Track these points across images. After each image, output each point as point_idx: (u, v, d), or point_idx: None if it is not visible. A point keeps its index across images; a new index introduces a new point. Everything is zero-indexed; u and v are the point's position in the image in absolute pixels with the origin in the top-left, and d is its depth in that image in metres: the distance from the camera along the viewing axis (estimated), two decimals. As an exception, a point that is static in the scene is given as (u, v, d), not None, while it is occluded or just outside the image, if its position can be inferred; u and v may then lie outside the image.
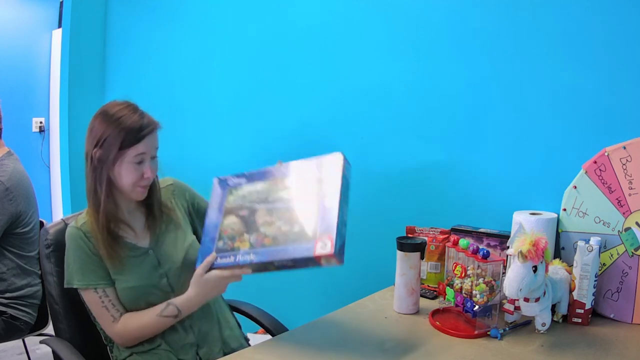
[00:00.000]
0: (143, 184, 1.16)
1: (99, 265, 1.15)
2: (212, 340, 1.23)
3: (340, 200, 1.04)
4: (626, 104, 1.22)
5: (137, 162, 1.14)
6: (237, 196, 1.16)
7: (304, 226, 1.04)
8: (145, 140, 1.14)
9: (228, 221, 1.14)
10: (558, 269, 1.16)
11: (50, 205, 3.57)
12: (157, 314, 1.14)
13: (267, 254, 1.05)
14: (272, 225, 1.08)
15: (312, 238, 1.01)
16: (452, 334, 1.10)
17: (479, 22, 1.44)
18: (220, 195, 1.19)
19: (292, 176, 1.12)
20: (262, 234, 1.08)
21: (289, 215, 1.07)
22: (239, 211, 1.14)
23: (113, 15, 2.63)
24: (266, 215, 1.10)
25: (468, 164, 1.49)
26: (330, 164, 1.09)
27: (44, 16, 3.46)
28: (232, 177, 1.20)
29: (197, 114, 2.23)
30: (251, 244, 1.08)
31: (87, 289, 1.14)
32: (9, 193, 1.66)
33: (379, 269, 1.55)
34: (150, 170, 1.16)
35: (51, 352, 1.24)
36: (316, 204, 1.05)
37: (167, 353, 1.17)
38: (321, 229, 1.01)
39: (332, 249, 0.97)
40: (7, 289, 1.70)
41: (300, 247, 1.01)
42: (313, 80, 1.82)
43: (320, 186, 1.07)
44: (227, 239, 1.12)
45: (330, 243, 0.98)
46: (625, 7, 1.21)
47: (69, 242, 1.17)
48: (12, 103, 3.03)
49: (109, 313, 1.15)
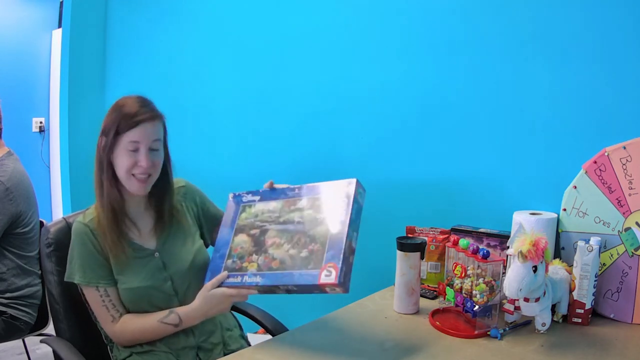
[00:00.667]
0: (138, 173, 1.13)
1: (102, 264, 1.14)
2: (213, 343, 1.23)
3: (349, 227, 1.04)
4: (626, 104, 1.22)
5: (131, 149, 1.11)
6: (250, 214, 1.19)
7: (311, 252, 1.06)
8: (140, 127, 1.11)
9: (239, 239, 1.16)
10: (558, 269, 1.16)
11: (50, 205, 3.57)
12: (158, 320, 1.13)
13: (274, 278, 1.07)
14: (280, 248, 1.09)
15: (318, 265, 1.03)
16: (452, 334, 1.10)
17: (479, 23, 1.44)
18: (233, 211, 1.21)
19: (304, 199, 1.13)
20: (270, 256, 1.09)
21: (298, 238, 1.09)
22: (250, 230, 1.16)
23: (113, 15, 2.63)
24: (276, 237, 1.11)
25: (468, 164, 1.49)
26: (343, 190, 1.09)
27: (44, 16, 3.46)
28: (246, 193, 1.22)
29: (197, 114, 2.23)
30: (259, 266, 1.09)
31: (88, 286, 1.14)
32: (9, 193, 1.66)
33: (379, 269, 1.55)
34: (145, 160, 1.12)
35: (51, 352, 1.24)
36: (325, 230, 1.07)
37: (167, 355, 1.16)
38: (327, 257, 1.03)
39: (336, 279, 0.98)
40: (7, 289, 1.70)
41: (307, 274, 1.03)
42: (314, 82, 1.82)
43: (331, 211, 1.08)
44: (236, 258, 1.13)
45: (335, 272, 0.99)
46: (625, 6, 1.21)
47: (74, 237, 1.16)
48: (12, 103, 3.03)
49: (108, 313, 1.14)
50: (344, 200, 1.08)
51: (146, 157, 1.12)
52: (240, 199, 1.23)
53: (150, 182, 1.17)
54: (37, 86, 3.48)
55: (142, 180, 1.14)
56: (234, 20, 2.06)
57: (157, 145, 1.16)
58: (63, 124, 2.59)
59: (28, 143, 3.45)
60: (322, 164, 1.81)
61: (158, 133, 1.16)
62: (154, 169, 1.16)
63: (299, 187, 1.16)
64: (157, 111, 1.17)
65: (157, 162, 1.16)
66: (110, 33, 2.65)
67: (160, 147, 1.18)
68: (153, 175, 1.17)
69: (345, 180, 1.11)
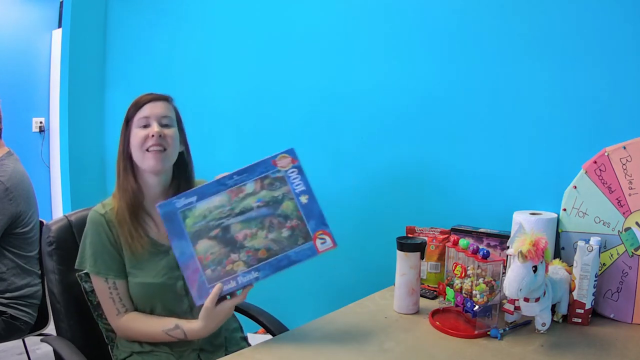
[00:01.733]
0: (150, 145, 1.14)
1: (113, 256, 1.15)
2: (215, 345, 1.22)
3: (312, 192, 1.10)
4: (626, 104, 1.22)
5: (142, 125, 1.16)
6: (196, 217, 1.08)
7: (293, 229, 1.08)
8: (148, 104, 1.17)
9: (202, 247, 1.07)
10: (558, 269, 1.16)
11: (50, 205, 3.57)
12: (162, 330, 1.12)
13: (271, 267, 1.07)
14: (257, 237, 1.08)
15: (308, 238, 1.08)
16: (452, 334, 1.10)
17: (479, 23, 1.44)
18: (174, 221, 1.08)
19: (249, 183, 1.10)
20: (252, 248, 1.08)
21: (270, 221, 1.09)
22: (208, 233, 1.08)
23: (113, 15, 2.63)
24: (244, 229, 1.08)
25: (468, 164, 1.49)
26: (286, 161, 1.12)
27: (44, 16, 3.46)
28: (176, 199, 1.09)
29: (197, 114, 2.23)
30: (246, 262, 1.07)
31: (98, 275, 1.14)
32: (9, 193, 1.66)
33: (379, 269, 1.55)
34: (156, 129, 1.15)
35: (51, 352, 1.24)
36: (293, 204, 1.09)
37: (168, 355, 1.16)
38: (311, 227, 1.08)
39: (333, 243, 1.08)
40: (7, 288, 1.70)
41: (302, 250, 1.07)
42: (313, 82, 1.82)
43: (284, 184, 1.10)
44: (214, 265, 1.07)
45: (329, 237, 1.08)
46: (625, 6, 1.21)
47: (89, 225, 1.16)
48: (12, 103, 3.03)
49: (114, 305, 1.14)
50: (292, 171, 1.10)
51: (156, 128, 1.15)
52: (172, 206, 1.09)
53: (165, 158, 1.17)
54: (37, 86, 3.48)
55: (156, 153, 1.15)
56: (234, 20, 2.06)
57: (166, 121, 1.19)
58: (63, 124, 2.59)
59: (28, 143, 3.45)
60: (322, 164, 1.81)
61: (167, 111, 1.20)
62: (166, 141, 1.16)
63: (236, 173, 1.11)
64: (164, 95, 1.22)
65: (169, 135, 1.17)
66: (110, 33, 2.65)
67: (172, 125, 1.20)
68: (168, 150, 1.17)
69: (280, 152, 1.12)
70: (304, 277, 1.86)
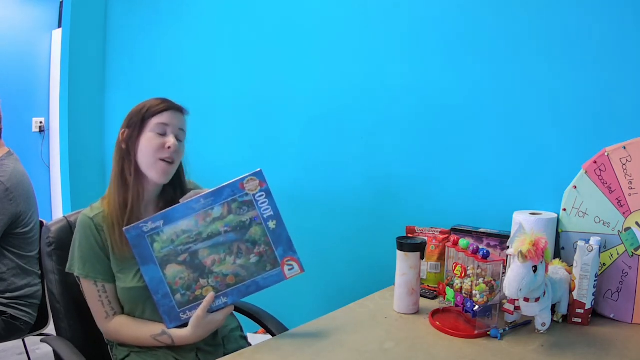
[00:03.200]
0: (164, 156, 1.14)
1: (101, 259, 1.14)
2: (213, 344, 1.22)
3: (281, 218, 1.10)
4: (626, 104, 1.22)
5: (159, 131, 1.14)
6: (164, 242, 1.08)
7: (261, 255, 1.09)
8: (169, 112, 1.15)
9: (171, 272, 1.08)
10: (558, 269, 1.16)
11: (50, 205, 3.57)
12: (150, 335, 1.12)
13: (239, 293, 1.10)
14: (225, 263, 1.09)
15: (275, 264, 1.10)
16: (452, 334, 1.10)
17: (478, 24, 1.44)
18: (142, 246, 1.08)
19: (216, 207, 1.09)
20: (220, 274, 1.09)
21: (237, 247, 1.09)
22: (176, 258, 1.08)
23: (113, 15, 2.63)
24: (212, 255, 1.09)
25: (468, 164, 1.49)
26: (253, 184, 1.09)
27: (44, 16, 3.46)
28: (143, 223, 1.08)
29: (197, 114, 2.23)
30: (214, 288, 1.09)
31: (86, 278, 1.14)
32: (9, 193, 1.66)
33: (379, 269, 1.56)
34: (173, 142, 1.13)
35: (51, 353, 1.24)
36: (261, 230, 1.09)
37: (166, 355, 1.16)
38: (280, 253, 1.10)
39: (301, 269, 1.11)
40: (7, 289, 1.70)
41: (270, 276, 1.10)
42: (313, 82, 1.82)
43: (254, 209, 1.09)
44: (183, 290, 1.09)
45: (297, 264, 1.10)
46: (625, 6, 1.21)
47: (79, 228, 1.17)
48: (12, 103, 3.03)
49: (103, 308, 1.15)
50: (260, 194, 1.09)
51: (173, 139, 1.14)
52: (140, 231, 1.08)
53: (172, 171, 1.18)
54: (37, 86, 3.48)
55: (167, 166, 1.15)
56: (235, 20, 2.06)
57: (182, 135, 1.18)
58: (63, 124, 2.60)
59: (28, 143, 3.45)
60: (322, 164, 1.81)
61: (184, 124, 1.19)
62: (178, 155, 1.16)
63: (203, 197, 1.08)
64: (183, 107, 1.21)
65: (181, 149, 1.17)
66: (110, 33, 2.65)
67: (183, 140, 1.19)
68: (174, 164, 1.17)
69: (247, 175, 1.09)
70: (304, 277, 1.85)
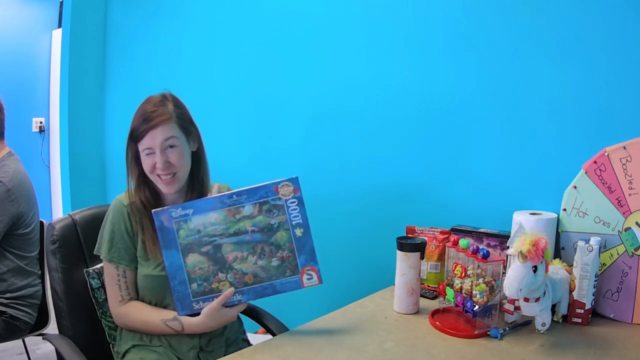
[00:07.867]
0: (158, 174, 1.16)
1: (128, 247, 1.18)
2: (216, 343, 1.23)
3: (309, 227, 1.10)
4: (626, 104, 1.22)
5: (147, 154, 1.16)
6: (190, 230, 1.09)
7: (282, 260, 1.09)
8: (147, 136, 1.14)
9: (192, 261, 1.09)
10: (558, 269, 1.16)
11: (50, 205, 3.57)
12: (161, 319, 1.14)
13: (255, 293, 1.10)
14: (246, 262, 1.10)
15: (295, 271, 1.10)
16: (452, 334, 1.10)
17: (479, 24, 1.44)
18: (168, 231, 1.09)
19: (247, 205, 1.09)
20: (240, 271, 1.10)
21: (261, 248, 1.09)
22: (200, 248, 1.09)
23: (113, 15, 2.63)
24: (235, 251, 1.10)
25: (468, 164, 1.49)
26: (287, 190, 1.10)
27: (44, 16, 3.46)
28: (172, 208, 1.09)
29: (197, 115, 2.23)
30: (231, 284, 1.10)
31: (110, 262, 1.17)
32: (10, 194, 1.65)
33: (379, 269, 1.56)
34: (159, 161, 1.14)
35: (51, 353, 1.24)
36: (287, 235, 1.09)
37: (166, 351, 1.17)
38: (301, 262, 1.10)
39: (319, 280, 1.10)
40: (7, 289, 1.70)
41: (288, 282, 1.10)
42: (314, 82, 1.82)
43: (284, 215, 1.09)
44: (200, 281, 1.09)
45: (316, 275, 1.10)
46: (625, 6, 1.21)
47: (112, 212, 1.20)
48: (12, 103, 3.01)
49: (119, 292, 1.17)
50: (292, 201, 1.09)
51: (160, 158, 1.14)
52: (168, 215, 1.09)
53: (176, 181, 1.18)
54: (37, 86, 3.48)
55: (167, 180, 1.16)
56: (235, 20, 2.06)
57: (170, 142, 1.16)
58: (63, 124, 2.59)
59: (28, 143, 3.45)
60: (323, 164, 1.81)
61: (167, 132, 1.15)
62: (173, 166, 1.16)
63: (236, 193, 1.09)
64: (164, 115, 1.15)
65: (176, 158, 1.16)
66: (110, 33, 2.65)
67: (179, 143, 1.17)
68: (178, 174, 1.17)
69: (283, 180, 1.10)
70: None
